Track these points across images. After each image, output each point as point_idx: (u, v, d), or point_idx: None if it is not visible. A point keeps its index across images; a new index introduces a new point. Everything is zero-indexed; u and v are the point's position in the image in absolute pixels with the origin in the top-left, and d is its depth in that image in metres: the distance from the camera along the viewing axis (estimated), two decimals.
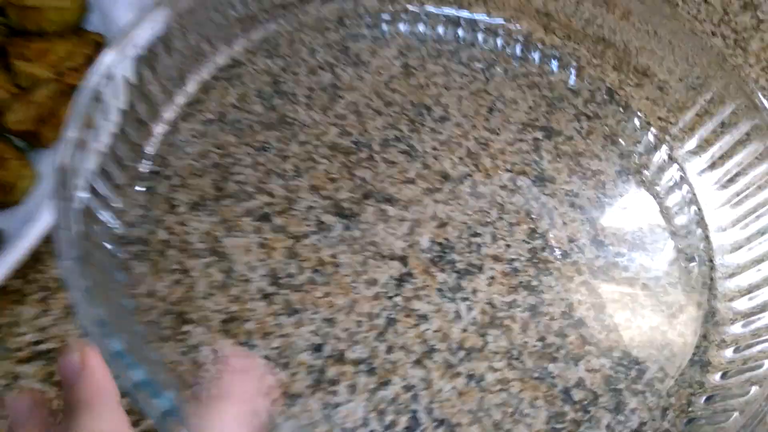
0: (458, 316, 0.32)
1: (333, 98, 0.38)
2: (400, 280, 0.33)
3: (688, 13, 0.45)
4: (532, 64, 0.41)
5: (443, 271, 0.33)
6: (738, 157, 0.36)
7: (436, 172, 0.36)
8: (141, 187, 0.33)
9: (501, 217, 0.35)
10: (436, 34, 0.41)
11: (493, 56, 0.41)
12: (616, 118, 0.40)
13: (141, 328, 0.30)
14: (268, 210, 0.34)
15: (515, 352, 0.32)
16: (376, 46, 0.40)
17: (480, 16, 0.41)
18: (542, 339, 0.32)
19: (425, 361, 0.31)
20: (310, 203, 0.34)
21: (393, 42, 0.40)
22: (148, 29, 0.32)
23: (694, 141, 0.38)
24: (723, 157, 0.37)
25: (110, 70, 0.30)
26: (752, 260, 0.34)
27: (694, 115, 0.38)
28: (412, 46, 0.40)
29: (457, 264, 0.34)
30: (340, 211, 0.34)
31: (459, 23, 0.41)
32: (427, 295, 0.33)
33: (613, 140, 0.39)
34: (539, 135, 0.38)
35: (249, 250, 0.33)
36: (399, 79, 0.39)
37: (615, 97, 0.40)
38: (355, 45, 0.40)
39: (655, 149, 0.39)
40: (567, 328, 0.33)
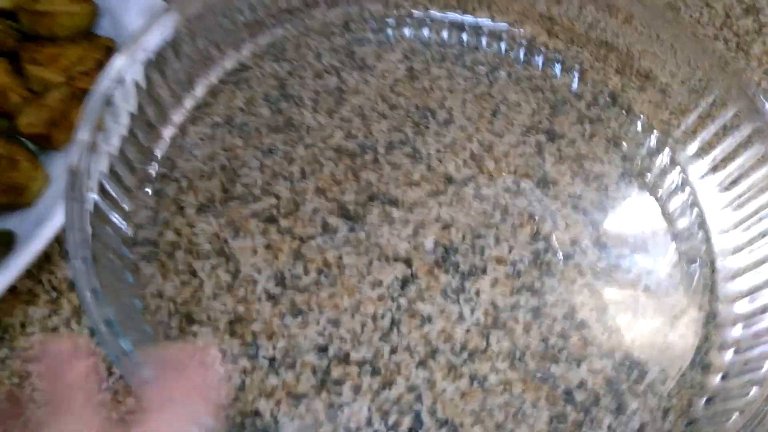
0: (461, 317, 0.33)
1: (338, 101, 0.38)
2: (405, 281, 0.33)
3: (691, 16, 0.45)
4: (536, 68, 0.41)
5: (447, 272, 0.34)
6: (740, 160, 0.36)
7: (440, 174, 0.36)
8: (150, 189, 0.34)
9: (504, 220, 0.35)
10: (440, 38, 0.41)
11: (496, 60, 0.41)
12: (618, 122, 0.40)
13: (149, 328, 0.30)
14: (274, 212, 0.34)
15: (518, 354, 0.32)
16: (381, 51, 0.40)
17: (484, 21, 0.41)
18: (545, 340, 0.33)
19: (429, 362, 0.31)
20: (316, 205, 0.35)
21: (398, 46, 0.41)
22: (157, 34, 0.33)
23: (696, 144, 0.38)
24: (725, 160, 0.37)
25: (120, 74, 0.31)
26: (753, 263, 0.34)
27: (697, 118, 0.38)
28: (417, 50, 0.41)
29: (461, 266, 0.34)
30: (346, 213, 0.35)
31: (463, 28, 0.41)
32: (431, 297, 0.33)
33: (616, 143, 0.39)
34: (542, 138, 0.38)
35: (255, 252, 0.33)
36: (404, 82, 0.39)
37: (618, 100, 0.40)
38: (361, 49, 0.40)
39: (657, 152, 0.39)
40: (569, 330, 0.33)
